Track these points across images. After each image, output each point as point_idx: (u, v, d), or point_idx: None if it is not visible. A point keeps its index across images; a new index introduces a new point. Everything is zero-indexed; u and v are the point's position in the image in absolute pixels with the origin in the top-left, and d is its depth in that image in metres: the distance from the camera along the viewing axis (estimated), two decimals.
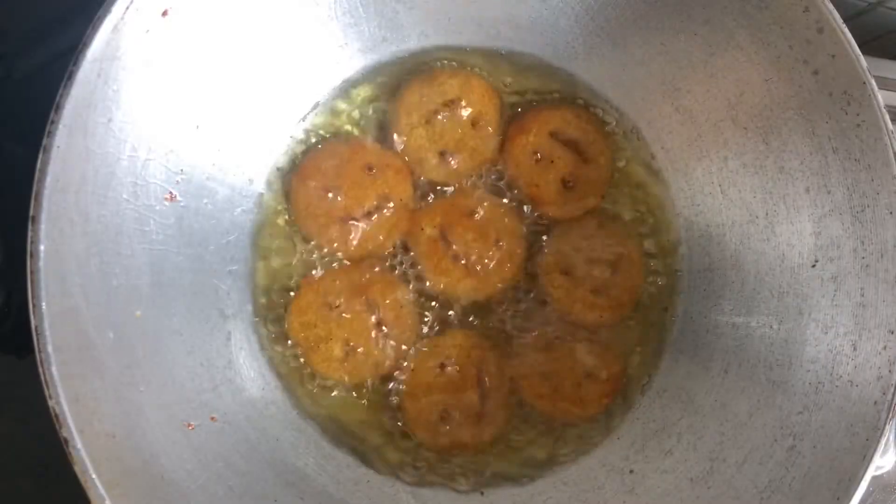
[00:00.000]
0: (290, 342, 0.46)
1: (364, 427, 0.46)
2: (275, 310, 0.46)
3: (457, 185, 0.48)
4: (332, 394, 0.46)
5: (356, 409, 0.46)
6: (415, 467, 0.46)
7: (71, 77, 0.33)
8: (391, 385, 0.46)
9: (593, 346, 0.47)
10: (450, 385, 0.46)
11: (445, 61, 0.48)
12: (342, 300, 0.46)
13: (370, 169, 0.46)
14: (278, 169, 0.46)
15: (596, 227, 0.48)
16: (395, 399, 0.46)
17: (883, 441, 0.37)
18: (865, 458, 0.37)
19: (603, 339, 0.47)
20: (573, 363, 0.47)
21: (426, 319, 0.47)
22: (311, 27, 0.44)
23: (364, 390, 0.46)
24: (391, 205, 0.46)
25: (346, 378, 0.46)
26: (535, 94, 0.49)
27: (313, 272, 0.46)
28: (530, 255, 0.48)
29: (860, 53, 0.38)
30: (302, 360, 0.46)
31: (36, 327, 0.32)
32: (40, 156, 0.33)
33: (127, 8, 0.34)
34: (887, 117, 0.38)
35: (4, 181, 0.41)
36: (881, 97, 0.38)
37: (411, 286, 0.47)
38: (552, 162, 0.47)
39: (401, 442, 0.46)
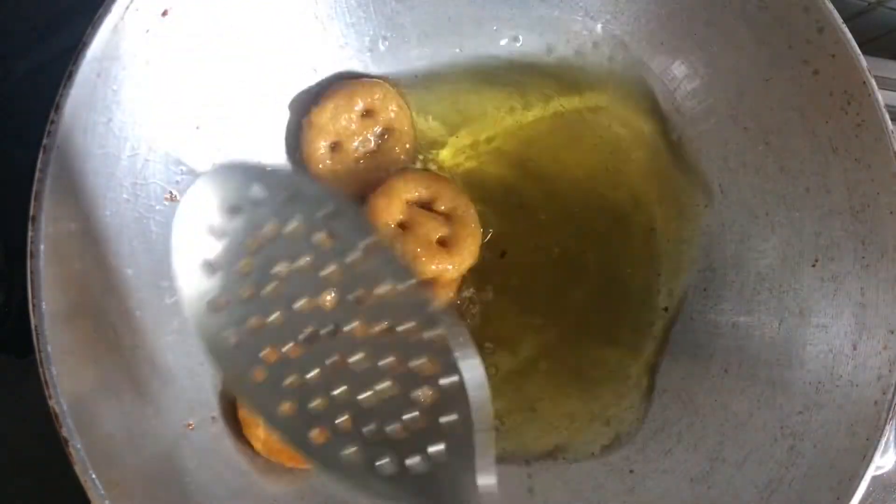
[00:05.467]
0: None
1: None
2: None
3: None
4: None
5: None
6: None
7: (71, 77, 0.33)
8: None
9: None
10: None
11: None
12: None
13: None
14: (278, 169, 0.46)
15: None
16: None
17: (883, 441, 0.37)
18: (865, 458, 0.37)
19: (604, 340, 0.48)
20: None
21: None
22: (312, 27, 0.44)
23: None
24: None
25: None
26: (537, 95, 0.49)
27: None
28: None
29: (860, 53, 0.38)
30: None
31: (36, 327, 0.32)
32: (40, 156, 0.33)
33: (127, 8, 0.34)
34: (887, 117, 0.38)
35: (4, 181, 0.41)
36: (881, 97, 0.38)
37: None
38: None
39: None
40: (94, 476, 0.32)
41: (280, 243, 0.30)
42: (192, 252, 0.30)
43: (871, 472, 0.37)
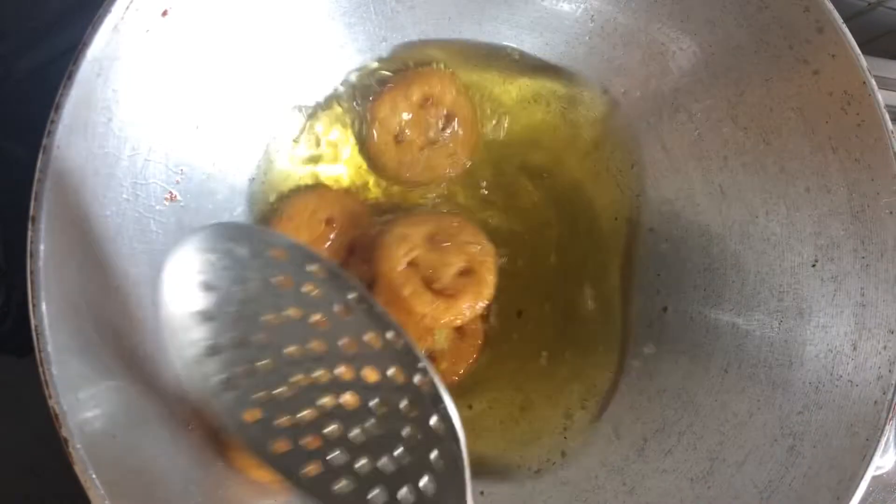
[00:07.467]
0: None
1: None
2: None
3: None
4: None
5: None
6: None
7: (71, 77, 0.33)
8: None
9: None
10: None
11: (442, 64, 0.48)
12: None
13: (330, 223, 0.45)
14: (278, 169, 0.46)
15: None
16: None
17: (883, 441, 0.37)
18: (865, 458, 0.37)
19: (598, 342, 0.48)
20: None
21: None
22: (311, 27, 0.44)
23: None
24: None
25: None
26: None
27: None
28: None
29: (860, 53, 0.38)
30: None
31: (36, 327, 0.32)
32: (40, 156, 0.33)
33: (127, 8, 0.34)
34: (887, 117, 0.38)
35: (4, 181, 0.41)
36: (881, 97, 0.38)
37: None
38: None
39: None
40: (94, 476, 0.32)
41: (268, 294, 0.32)
42: (182, 304, 0.31)
43: (871, 472, 0.37)
